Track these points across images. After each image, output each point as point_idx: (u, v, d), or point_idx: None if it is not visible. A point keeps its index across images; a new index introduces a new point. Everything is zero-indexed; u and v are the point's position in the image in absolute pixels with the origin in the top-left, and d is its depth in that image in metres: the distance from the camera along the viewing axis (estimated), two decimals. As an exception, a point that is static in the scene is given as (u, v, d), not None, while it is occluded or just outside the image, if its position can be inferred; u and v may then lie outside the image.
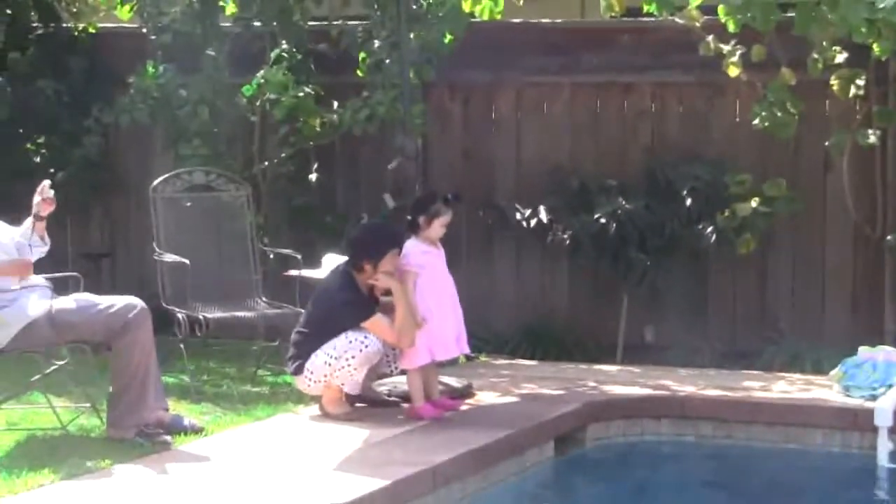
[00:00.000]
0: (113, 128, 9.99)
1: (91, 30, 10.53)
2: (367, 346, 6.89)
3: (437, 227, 7.15)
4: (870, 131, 8.54)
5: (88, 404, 6.80)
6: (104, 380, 6.74)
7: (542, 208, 9.33)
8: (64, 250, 10.47)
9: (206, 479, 5.80)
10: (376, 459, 6.15)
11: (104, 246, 10.65)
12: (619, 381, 8.08)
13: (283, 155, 9.61)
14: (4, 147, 10.24)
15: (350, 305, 6.97)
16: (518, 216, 9.41)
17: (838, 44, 8.36)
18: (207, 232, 8.31)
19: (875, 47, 7.99)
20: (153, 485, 5.73)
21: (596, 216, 9.06)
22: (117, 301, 6.50)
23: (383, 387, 7.49)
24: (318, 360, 6.94)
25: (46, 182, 6.59)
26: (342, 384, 6.98)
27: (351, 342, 6.88)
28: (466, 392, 7.61)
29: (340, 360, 6.89)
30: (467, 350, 7.42)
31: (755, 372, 8.42)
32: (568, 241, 9.16)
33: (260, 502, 5.40)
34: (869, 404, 7.22)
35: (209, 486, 5.68)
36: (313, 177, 9.80)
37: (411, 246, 7.11)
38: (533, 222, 9.33)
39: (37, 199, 6.56)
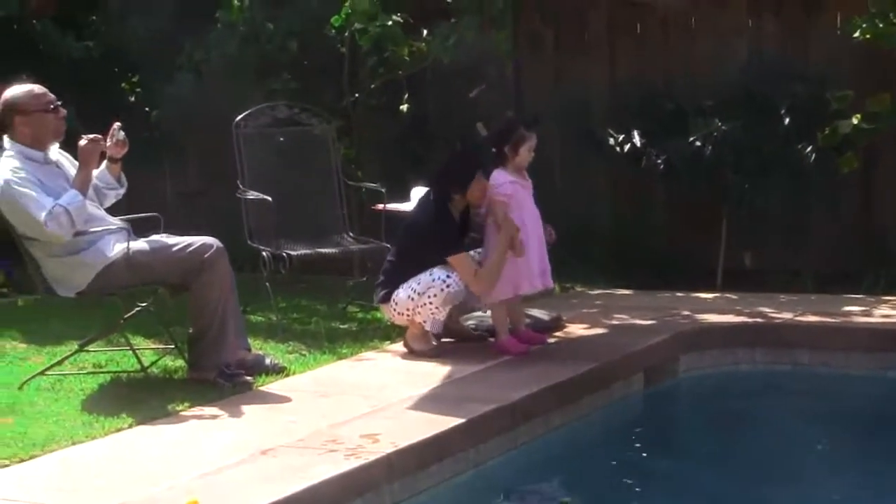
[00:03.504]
0: (205, 64, 9.92)
1: (180, -36, 10.47)
2: (448, 287, 6.77)
3: (525, 153, 6.97)
4: (979, 39, 8.16)
5: (173, 346, 6.80)
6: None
7: (635, 132, 9.09)
8: (163, 189, 10.54)
9: (279, 421, 5.72)
10: (455, 396, 6.04)
11: (201, 184, 10.64)
12: (714, 310, 7.87)
13: (373, 86, 9.47)
14: (100, 86, 10.27)
15: (440, 237, 6.84)
16: (611, 141, 9.18)
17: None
18: (292, 167, 8.19)
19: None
20: (226, 427, 5.68)
21: (691, 139, 8.79)
22: (194, 241, 6.41)
23: (470, 321, 7.37)
24: (403, 293, 6.87)
25: (117, 124, 6.55)
26: (423, 321, 6.87)
27: (434, 280, 6.78)
28: (555, 324, 7.46)
29: (423, 297, 6.79)
30: (551, 285, 7.24)
31: (858, 296, 8.14)
32: (662, 166, 8.91)
33: (330, 443, 5.32)
34: (973, 329, 6.96)
35: (281, 427, 5.60)
36: (405, 107, 9.64)
37: (498, 176, 6.95)
38: (626, 147, 9.11)
39: (109, 142, 6.52)
